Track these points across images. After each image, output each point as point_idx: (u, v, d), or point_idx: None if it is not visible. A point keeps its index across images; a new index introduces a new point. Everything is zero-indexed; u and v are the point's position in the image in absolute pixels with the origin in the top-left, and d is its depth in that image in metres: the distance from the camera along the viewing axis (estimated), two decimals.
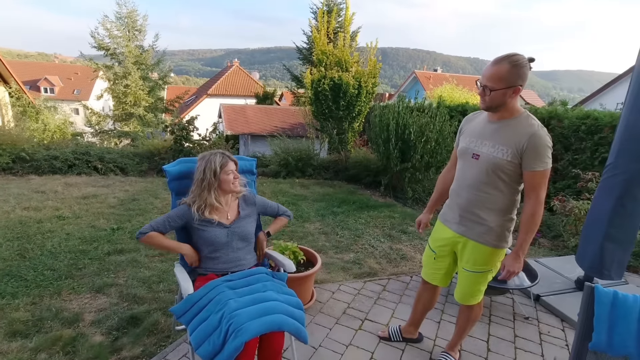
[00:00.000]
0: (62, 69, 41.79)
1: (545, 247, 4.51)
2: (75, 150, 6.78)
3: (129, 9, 18.88)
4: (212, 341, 1.56)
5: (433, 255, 2.09)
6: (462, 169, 1.92)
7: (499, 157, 1.73)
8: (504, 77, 1.63)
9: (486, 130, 1.81)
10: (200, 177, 1.94)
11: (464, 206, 1.88)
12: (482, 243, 1.85)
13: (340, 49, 8.03)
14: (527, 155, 1.67)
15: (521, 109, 1.76)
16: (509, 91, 1.66)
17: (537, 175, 1.69)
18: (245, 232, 2.04)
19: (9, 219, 4.06)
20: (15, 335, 2.25)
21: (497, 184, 1.77)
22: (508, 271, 1.79)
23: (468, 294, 1.99)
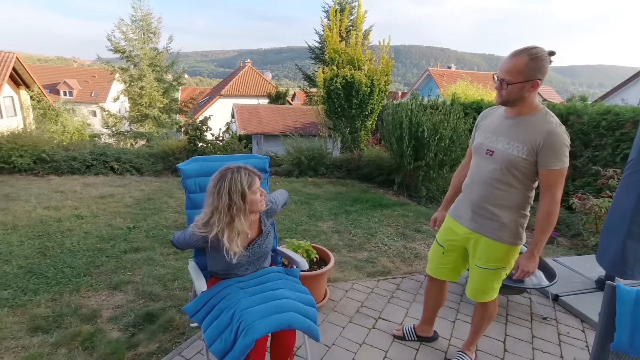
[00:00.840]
0: (80, 72, 42.81)
1: (564, 246, 4.40)
2: (93, 151, 6.93)
3: (144, 12, 19.22)
4: (224, 339, 1.57)
5: (441, 250, 2.06)
6: (476, 165, 1.88)
7: (514, 154, 1.69)
8: (522, 70, 1.58)
9: (502, 126, 1.77)
10: (227, 202, 1.62)
11: (476, 202, 1.85)
12: (495, 240, 1.81)
13: (353, 47, 8.01)
14: (543, 153, 1.63)
15: (540, 105, 1.71)
16: (527, 85, 1.61)
17: (553, 174, 1.65)
18: (266, 250, 1.94)
19: (30, 218, 4.18)
20: (37, 330, 2.32)
21: (511, 180, 1.74)
22: (522, 271, 1.76)
23: (480, 290, 1.95)
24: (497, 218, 1.79)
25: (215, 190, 1.66)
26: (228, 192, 1.63)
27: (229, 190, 1.63)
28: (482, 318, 2.06)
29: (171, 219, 4.44)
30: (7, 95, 16.06)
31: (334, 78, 7.65)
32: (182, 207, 4.85)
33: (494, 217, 1.80)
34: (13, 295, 2.67)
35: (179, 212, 4.66)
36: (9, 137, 6.45)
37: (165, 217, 4.47)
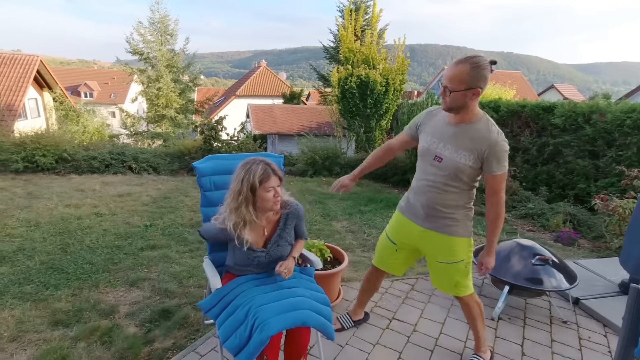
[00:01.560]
0: (100, 74, 43.95)
1: (586, 249, 4.28)
2: (112, 151, 7.10)
3: (161, 15, 19.59)
4: (239, 335, 1.58)
5: (394, 247, 2.15)
6: (424, 170, 1.95)
7: (462, 162, 1.78)
8: (464, 78, 1.65)
9: (447, 132, 1.84)
10: (238, 188, 1.69)
11: (427, 204, 1.93)
12: (449, 234, 1.92)
13: (368, 46, 7.97)
14: (488, 160, 1.75)
15: (480, 112, 1.80)
16: (469, 93, 1.68)
17: (497, 178, 1.78)
18: (282, 254, 1.90)
19: (52, 215, 4.30)
20: (58, 324, 2.38)
21: (459, 184, 1.85)
22: (485, 267, 1.94)
23: (447, 283, 2.04)
24: (450, 215, 1.90)
25: (235, 175, 1.74)
26: (241, 180, 1.69)
27: (242, 177, 1.69)
28: (471, 317, 2.11)
29: (187, 217, 4.50)
30: (32, 97, 16.59)
31: (349, 77, 7.62)
32: (197, 206, 4.92)
33: (447, 215, 1.91)
34: (36, 289, 2.76)
35: (194, 211, 4.72)
36: (32, 137, 6.66)
37: (181, 216, 4.53)
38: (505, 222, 5.05)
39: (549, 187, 6.41)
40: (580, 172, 6.14)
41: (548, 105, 6.98)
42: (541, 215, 5.19)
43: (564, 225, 4.76)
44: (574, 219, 4.95)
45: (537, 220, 5.15)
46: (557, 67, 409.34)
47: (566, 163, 6.43)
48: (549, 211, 5.23)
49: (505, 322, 2.58)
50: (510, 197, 6.02)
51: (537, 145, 6.98)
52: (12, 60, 15.71)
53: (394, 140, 2.16)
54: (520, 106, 7.37)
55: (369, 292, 2.43)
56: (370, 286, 2.40)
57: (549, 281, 2.53)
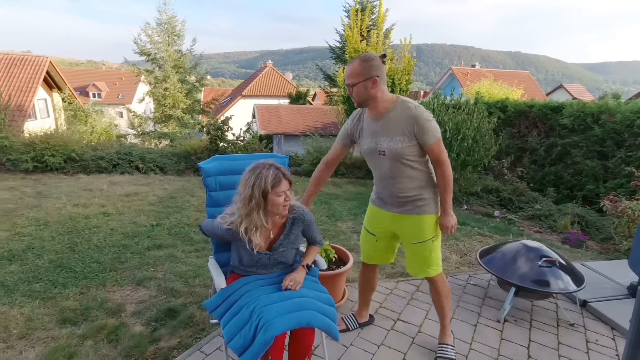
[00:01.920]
0: (108, 74, 44.37)
1: (594, 250, 4.23)
2: (119, 151, 7.17)
3: (169, 16, 19.72)
4: (243, 335, 1.59)
5: (374, 238, 2.24)
6: (377, 166, 2.06)
7: (400, 147, 1.90)
8: (358, 71, 1.83)
9: (377, 128, 1.96)
10: (249, 193, 1.69)
11: (397, 194, 2.03)
12: (421, 214, 2.03)
13: (374, 46, 7.95)
14: (420, 135, 1.87)
15: (394, 97, 1.93)
16: (367, 83, 1.83)
17: (434, 146, 1.90)
18: (286, 258, 1.91)
19: (60, 214, 4.35)
20: (65, 322, 2.41)
21: (411, 165, 1.95)
22: (446, 227, 2.03)
23: (422, 264, 2.11)
24: (419, 196, 2.02)
25: (244, 180, 1.73)
26: (252, 185, 1.68)
27: (253, 183, 1.68)
28: (440, 298, 2.17)
29: (193, 217, 4.53)
30: (41, 97, 16.79)
31: None
32: (203, 206, 4.94)
33: (417, 197, 2.02)
34: (44, 288, 2.79)
35: (200, 211, 4.75)
36: (42, 137, 6.75)
37: (187, 216, 4.56)
38: (512, 224, 5.01)
39: (556, 188, 6.35)
40: (589, 173, 6.08)
41: (556, 105, 6.92)
42: (548, 217, 5.14)
43: (571, 226, 4.71)
44: (582, 221, 4.90)
45: (544, 221, 5.10)
46: (566, 66, 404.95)
47: (574, 164, 6.37)
48: (557, 212, 5.18)
49: (511, 324, 2.56)
50: (517, 197, 5.97)
51: (544, 146, 6.92)
52: (23, 61, 15.92)
53: (328, 156, 2.25)
54: (527, 106, 7.31)
55: (368, 290, 2.46)
56: (367, 284, 2.44)
57: (555, 283, 2.51)
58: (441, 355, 2.19)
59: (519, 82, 17.90)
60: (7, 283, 2.82)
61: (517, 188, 6.14)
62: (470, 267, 3.49)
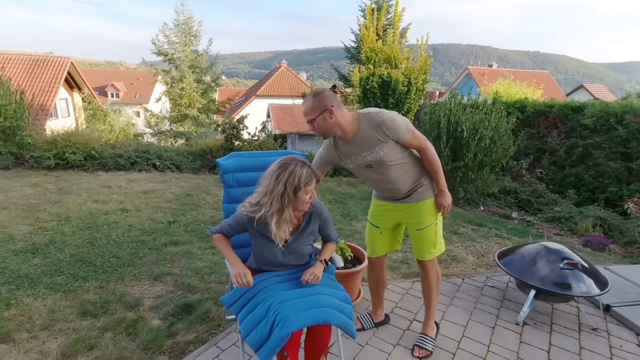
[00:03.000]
0: (126, 75, 45.29)
1: (617, 254, 4.10)
2: (137, 149, 7.30)
3: (186, 16, 20.00)
4: (260, 330, 1.59)
5: (378, 230, 2.31)
6: (369, 177, 2.12)
7: (383, 153, 1.94)
8: (312, 107, 1.89)
9: (352, 149, 1.99)
10: (281, 190, 1.66)
11: (401, 190, 2.10)
12: (424, 200, 2.11)
13: (390, 45, 7.90)
14: (393, 136, 1.90)
15: (355, 115, 1.95)
16: (325, 114, 1.87)
17: (411, 139, 1.95)
18: (302, 252, 1.89)
19: (81, 210, 4.46)
20: (86, 314, 2.46)
21: (399, 164, 2.00)
22: (443, 205, 2.11)
23: (428, 247, 2.18)
24: (420, 184, 2.10)
25: (274, 175, 1.69)
26: (285, 182, 1.66)
27: (286, 180, 1.66)
28: (429, 286, 2.25)
29: (208, 214, 4.58)
30: (62, 97, 17.26)
31: (370, 77, 7.57)
32: (218, 204, 4.99)
33: (418, 185, 2.10)
34: (66, 281, 2.86)
35: (215, 209, 4.79)
36: (63, 135, 6.93)
37: (202, 213, 4.61)
38: (531, 226, 4.91)
39: (577, 190, 6.19)
40: (612, 174, 5.91)
41: (577, 105, 6.75)
42: (569, 219, 5.01)
43: (593, 229, 4.58)
44: (604, 223, 4.76)
45: (564, 224, 4.98)
46: (587, 66, 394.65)
47: (596, 165, 6.20)
48: (578, 215, 5.05)
49: (531, 327, 2.51)
50: (536, 199, 5.85)
51: (565, 147, 6.76)
52: (45, 62, 16.39)
53: None
54: (547, 106, 7.15)
55: (379, 287, 2.47)
56: (377, 280, 2.45)
57: (577, 286, 2.45)
58: (420, 344, 2.22)
59: (537, 82, 17.53)
60: (31, 275, 2.90)
61: (536, 189, 6.01)
62: (487, 269, 3.43)
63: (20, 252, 3.30)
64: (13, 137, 6.79)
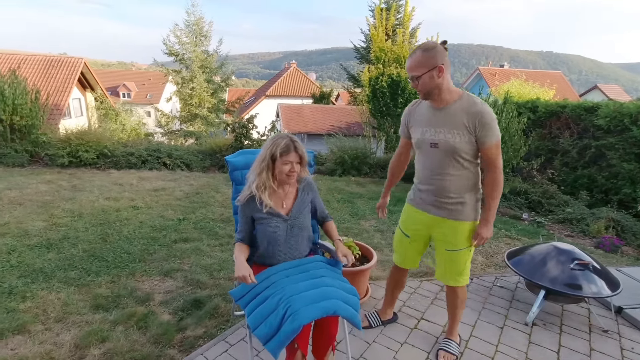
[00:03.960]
0: (138, 75, 45.90)
1: (630, 256, 4.04)
2: (148, 148, 7.40)
3: (196, 17, 20.19)
4: (269, 323, 1.61)
5: (408, 240, 2.18)
6: (424, 159, 1.99)
7: (457, 141, 1.82)
8: (421, 62, 1.76)
9: (435, 118, 1.88)
10: (262, 156, 1.88)
11: (438, 192, 1.95)
12: (461, 220, 1.94)
13: (399, 45, 7.89)
14: (480, 132, 1.78)
15: (460, 91, 1.85)
16: (433, 72, 1.75)
17: (492, 148, 1.81)
18: (303, 223, 1.99)
19: (93, 207, 4.54)
20: (98, 308, 2.51)
21: (462, 163, 1.87)
22: (481, 237, 1.92)
23: (453, 272, 2.04)
24: (460, 200, 1.93)
25: (264, 145, 1.93)
26: (267, 148, 1.87)
27: (269, 147, 1.87)
28: (455, 304, 2.14)
29: (217, 212, 4.62)
30: (75, 97, 17.56)
31: (380, 76, 7.56)
32: (227, 202, 5.04)
33: (459, 199, 1.93)
34: (79, 275, 2.93)
35: (224, 207, 4.84)
36: (77, 134, 7.06)
37: (212, 211, 4.66)
38: (542, 227, 4.85)
39: (589, 192, 6.10)
40: (626, 175, 5.81)
41: (591, 105, 6.65)
42: (581, 221, 4.94)
43: (606, 231, 4.51)
44: (617, 225, 4.68)
45: (576, 225, 4.91)
46: (601, 66, 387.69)
47: (610, 166, 6.10)
48: (590, 216, 4.98)
49: (540, 327, 2.48)
50: (547, 200, 5.77)
51: (577, 148, 6.66)
52: (59, 63, 16.70)
53: (398, 149, 2.25)
54: (560, 106, 7.06)
55: (397, 289, 2.44)
56: (396, 283, 2.41)
57: (588, 287, 2.42)
58: (444, 347, 2.19)
59: (550, 83, 17.29)
60: (45, 269, 2.97)
61: (547, 191, 5.93)
62: (496, 269, 3.40)
63: (35, 246, 3.38)
64: (28, 136, 6.95)
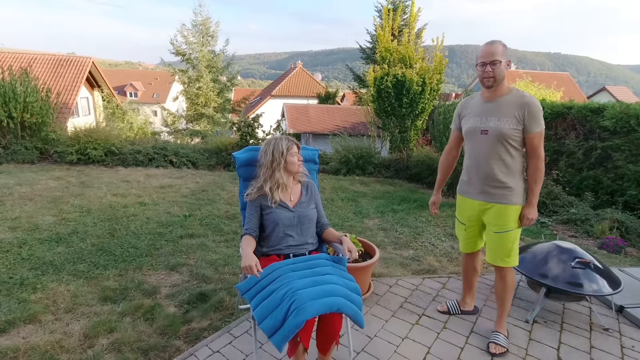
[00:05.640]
0: (145, 75, 46.27)
1: (634, 256, 4.03)
2: (155, 146, 7.49)
3: (203, 17, 20.35)
4: (274, 317, 1.65)
5: (463, 227, 2.36)
6: (473, 147, 2.18)
7: (507, 127, 2.03)
8: (502, 51, 2.01)
9: (487, 109, 2.10)
10: (270, 159, 2.05)
11: (484, 177, 2.14)
12: (507, 204, 2.10)
13: (405, 45, 7.90)
14: (527, 120, 2.00)
15: (511, 86, 2.10)
16: (506, 63, 2.02)
17: (536, 137, 2.02)
18: (310, 215, 2.12)
19: (101, 203, 4.62)
20: (106, 300, 2.57)
21: (509, 150, 2.06)
22: (527, 218, 2.09)
23: (501, 253, 2.16)
24: (505, 185, 2.10)
25: (262, 152, 2.11)
26: (272, 152, 2.06)
27: (272, 150, 2.06)
28: (504, 289, 2.24)
29: (223, 209, 4.68)
30: (83, 96, 17.77)
31: (385, 77, 7.58)
32: (232, 199, 5.10)
33: (503, 185, 2.10)
34: (88, 268, 2.99)
35: (230, 204, 4.90)
36: (85, 132, 7.17)
37: (217, 208, 4.72)
38: (545, 227, 4.85)
39: (595, 193, 6.07)
40: (632, 177, 5.78)
41: (597, 106, 6.62)
42: (585, 222, 4.93)
43: (610, 232, 4.50)
44: (621, 226, 4.67)
45: (580, 226, 4.90)
46: (610, 68, 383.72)
47: (615, 168, 6.07)
48: (594, 217, 4.96)
49: (541, 325, 2.50)
50: (552, 201, 5.76)
51: (583, 149, 6.63)
52: (68, 62, 16.91)
53: (448, 144, 2.43)
54: (565, 108, 7.04)
55: (472, 276, 2.53)
56: (469, 270, 2.51)
57: (589, 285, 2.43)
58: (494, 340, 2.24)
59: (558, 84, 17.19)
60: (55, 262, 3.05)
61: (551, 191, 5.91)
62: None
63: (45, 240, 3.45)
64: (39, 133, 7.06)
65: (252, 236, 2.02)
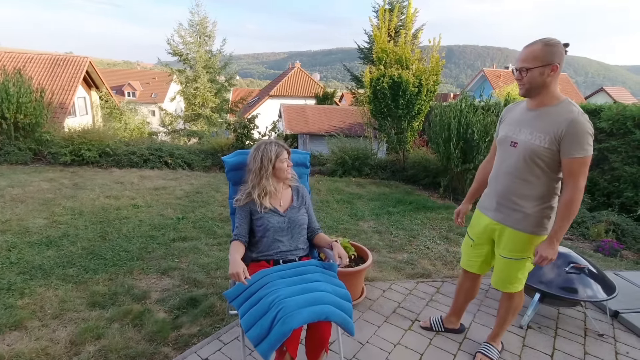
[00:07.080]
0: (143, 74, 46.11)
1: (630, 260, 4.01)
2: (150, 147, 7.43)
3: (200, 17, 20.29)
4: (261, 325, 1.61)
5: (471, 242, 2.13)
6: (500, 157, 1.93)
7: (536, 144, 1.72)
8: (538, 55, 1.64)
9: (525, 117, 1.81)
10: (258, 165, 2.01)
11: (501, 193, 1.90)
12: (518, 230, 1.85)
13: (402, 46, 7.86)
14: (565, 141, 1.65)
15: (563, 96, 1.73)
16: (546, 69, 1.65)
17: (575, 163, 1.66)
18: (300, 220, 2.09)
19: (94, 205, 4.57)
20: (95, 305, 2.53)
21: (534, 170, 1.76)
22: (541, 256, 1.76)
23: (504, 279, 1.99)
24: (520, 208, 1.84)
25: (252, 157, 2.05)
26: (261, 158, 2.01)
27: (261, 156, 2.01)
28: (507, 310, 2.08)
29: (217, 211, 4.64)
30: (80, 96, 17.69)
31: (381, 78, 7.55)
32: (226, 202, 5.01)
33: (517, 208, 1.84)
34: (77, 272, 2.95)
35: (224, 206, 4.86)
36: (79, 132, 7.11)
37: (211, 210, 4.68)
38: None
39: (591, 195, 6.06)
40: (628, 179, 5.77)
41: (593, 108, 6.61)
42: (581, 224, 4.92)
43: (606, 234, 4.49)
44: (617, 229, 4.66)
45: (575, 228, 4.89)
46: (609, 68, 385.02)
47: (612, 169, 6.06)
48: (590, 219, 4.95)
49: (535, 330, 2.48)
50: None
51: None
52: (65, 62, 16.83)
53: (489, 153, 2.16)
54: None
55: (463, 297, 2.31)
56: (464, 290, 2.29)
57: (584, 291, 2.41)
58: (483, 351, 2.15)
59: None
60: (44, 267, 3.00)
61: None
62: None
63: (35, 244, 3.41)
64: (32, 134, 7.00)
65: (241, 242, 1.98)
